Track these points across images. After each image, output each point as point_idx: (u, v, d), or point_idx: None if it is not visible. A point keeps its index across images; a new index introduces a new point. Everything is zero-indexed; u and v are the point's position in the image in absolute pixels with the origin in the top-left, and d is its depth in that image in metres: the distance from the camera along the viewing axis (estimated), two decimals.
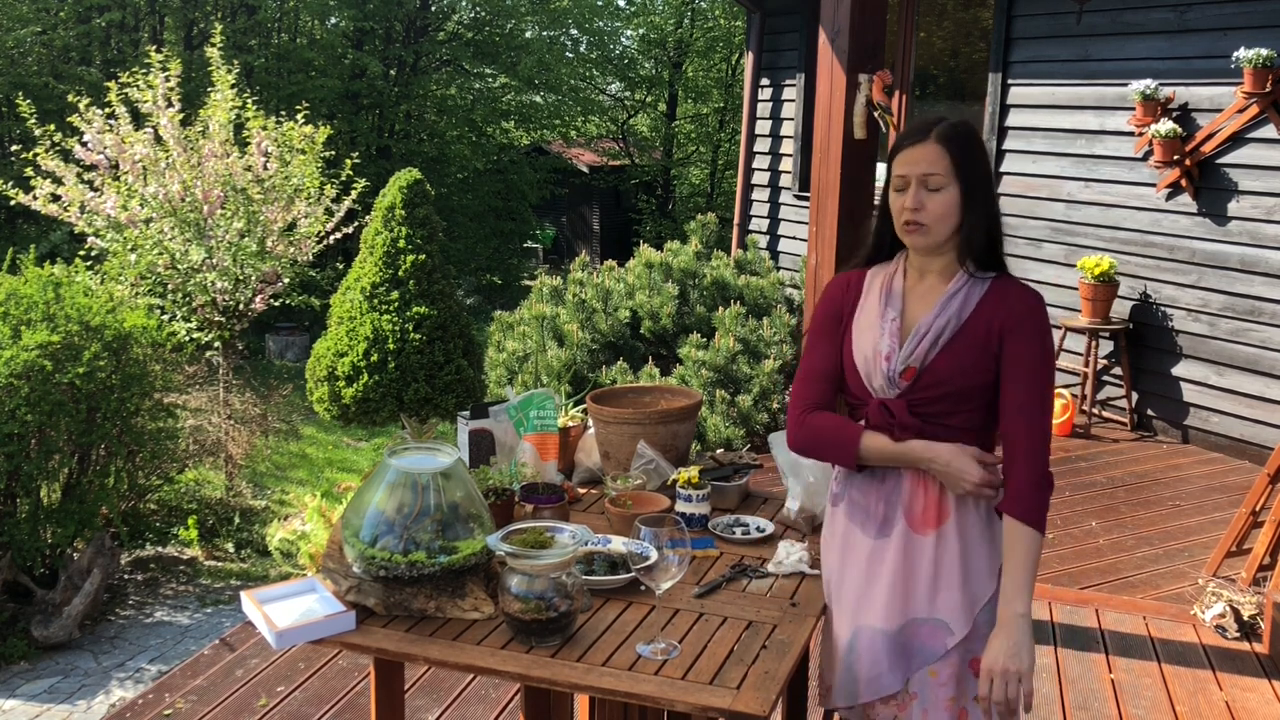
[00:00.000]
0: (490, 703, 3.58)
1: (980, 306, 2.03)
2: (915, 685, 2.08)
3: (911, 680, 2.09)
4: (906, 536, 2.08)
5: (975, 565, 2.08)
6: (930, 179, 2.00)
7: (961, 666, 2.08)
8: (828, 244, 3.89)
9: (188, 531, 6.43)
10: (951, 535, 2.06)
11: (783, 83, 9.77)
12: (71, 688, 4.84)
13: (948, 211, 2.01)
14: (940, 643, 2.07)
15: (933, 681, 2.07)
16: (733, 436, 6.77)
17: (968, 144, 2.03)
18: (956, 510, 2.06)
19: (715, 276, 8.30)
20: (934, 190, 2.00)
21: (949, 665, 2.07)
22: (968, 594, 2.07)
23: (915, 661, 2.08)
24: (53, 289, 5.55)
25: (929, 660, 2.07)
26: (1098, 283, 6.60)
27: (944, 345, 2.02)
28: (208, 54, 7.62)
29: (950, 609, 2.06)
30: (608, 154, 23.04)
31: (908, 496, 2.08)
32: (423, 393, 4.84)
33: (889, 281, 2.12)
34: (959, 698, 2.09)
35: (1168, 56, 6.55)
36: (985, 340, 2.02)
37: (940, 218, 2.01)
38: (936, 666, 2.07)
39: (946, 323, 2.02)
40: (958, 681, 2.08)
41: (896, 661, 2.08)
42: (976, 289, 2.05)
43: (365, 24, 17.55)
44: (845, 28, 3.74)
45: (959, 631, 2.06)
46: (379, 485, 2.08)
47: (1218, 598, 4.20)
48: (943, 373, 2.02)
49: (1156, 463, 6.23)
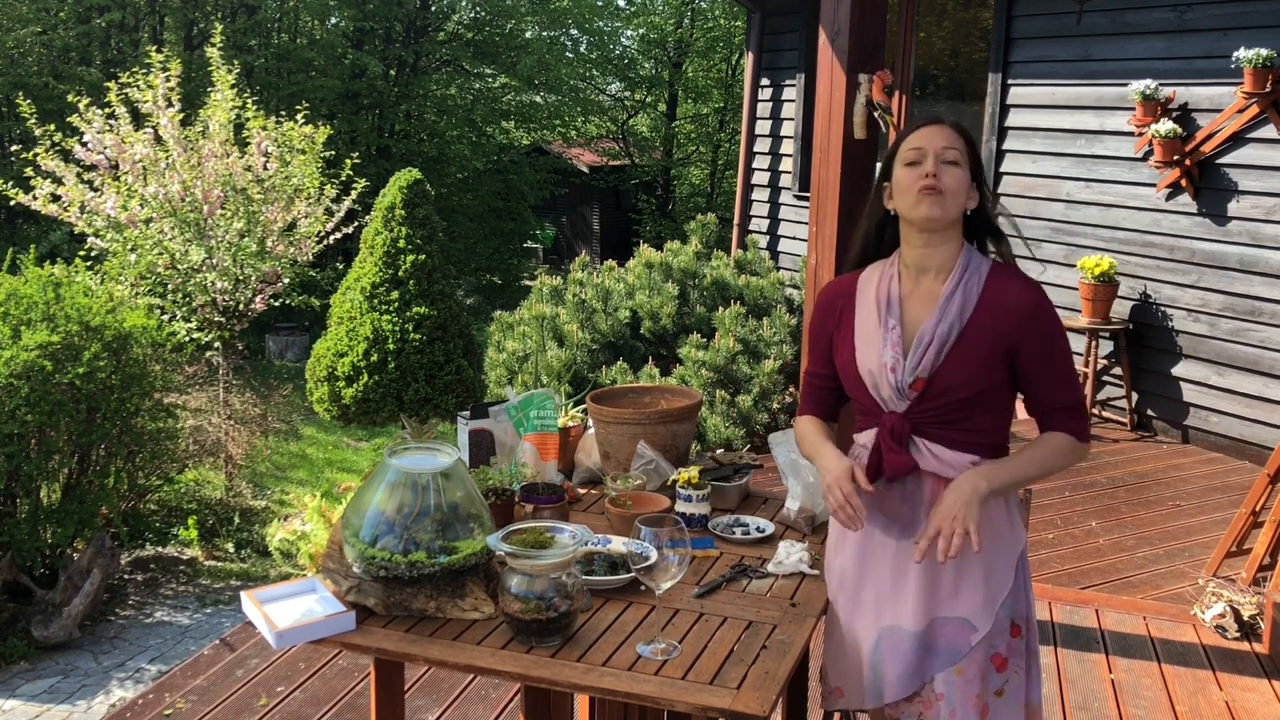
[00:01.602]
0: (490, 703, 3.58)
1: (981, 305, 2.03)
2: (941, 685, 2.08)
3: (937, 680, 2.09)
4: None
5: (997, 562, 2.09)
6: (948, 152, 2.03)
7: (985, 663, 2.09)
8: (828, 244, 3.89)
9: (188, 531, 6.43)
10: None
11: (783, 83, 9.78)
12: (71, 688, 4.84)
13: (962, 187, 2.04)
14: (964, 640, 2.08)
15: (959, 680, 2.08)
16: (733, 436, 6.77)
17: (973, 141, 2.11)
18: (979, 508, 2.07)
19: (715, 276, 8.30)
20: (951, 164, 2.03)
21: (974, 663, 2.08)
22: (989, 590, 2.08)
23: (940, 660, 2.09)
24: (53, 289, 5.55)
25: (954, 659, 2.07)
26: (1098, 283, 6.60)
27: (950, 351, 2.01)
28: (208, 54, 7.62)
29: (973, 606, 2.07)
30: (608, 154, 23.04)
31: (929, 497, 2.08)
32: (423, 393, 4.84)
33: (884, 287, 2.11)
34: (983, 694, 2.10)
35: (1168, 56, 6.55)
36: (993, 341, 2.01)
37: (955, 191, 2.03)
38: (962, 665, 2.07)
39: (950, 327, 2.01)
40: (982, 678, 2.09)
41: (921, 661, 2.09)
42: (974, 284, 2.04)
43: (365, 24, 17.55)
44: (845, 28, 3.74)
45: (982, 628, 2.07)
46: (379, 485, 2.08)
47: (1218, 598, 4.20)
48: (953, 379, 2.01)
49: (1157, 463, 6.23)
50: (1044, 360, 2.03)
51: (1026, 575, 2.16)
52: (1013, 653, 2.12)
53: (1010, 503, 2.12)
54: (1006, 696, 2.12)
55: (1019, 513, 2.14)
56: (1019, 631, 2.13)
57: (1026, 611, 2.15)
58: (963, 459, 2.05)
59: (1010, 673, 2.12)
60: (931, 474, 2.07)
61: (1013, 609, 2.11)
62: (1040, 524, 5.16)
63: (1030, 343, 2.02)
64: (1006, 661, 2.11)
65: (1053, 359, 2.04)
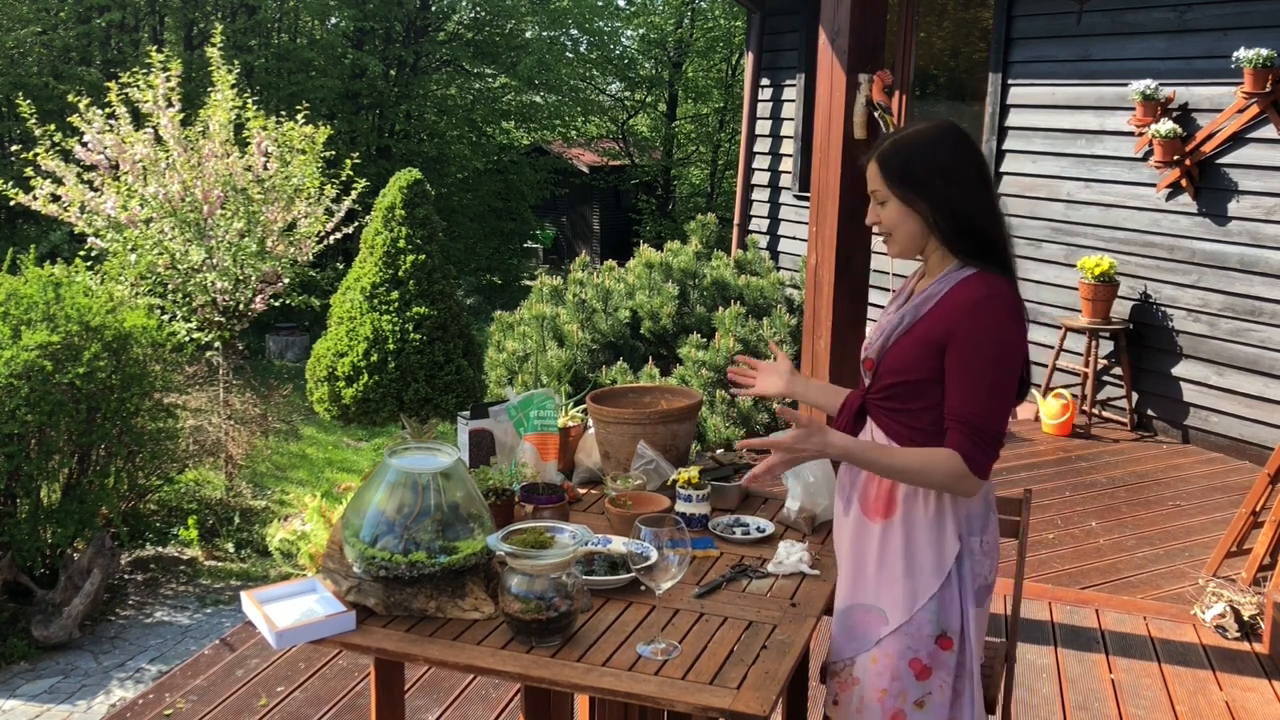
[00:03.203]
0: (490, 703, 3.59)
1: (938, 304, 2.06)
2: (859, 670, 2.13)
3: (856, 663, 2.14)
4: (859, 520, 2.17)
5: (919, 561, 2.10)
6: (875, 194, 2.14)
7: (900, 663, 2.09)
8: (828, 244, 3.89)
9: (188, 531, 6.43)
10: (898, 527, 2.11)
11: (783, 83, 9.77)
12: (71, 688, 4.84)
13: (897, 221, 2.12)
14: (875, 629, 2.11)
15: (873, 668, 2.12)
16: (733, 436, 6.77)
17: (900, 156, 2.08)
18: (904, 504, 2.11)
19: (715, 276, 8.30)
20: (881, 203, 2.14)
21: (887, 656, 2.10)
22: (909, 586, 2.10)
23: (855, 644, 2.15)
24: (53, 289, 5.55)
25: (865, 646, 2.13)
26: (1098, 283, 6.60)
27: (895, 340, 2.10)
28: (208, 54, 7.62)
29: (890, 598, 2.11)
30: (608, 154, 23.03)
31: (864, 482, 2.17)
32: (423, 393, 4.84)
33: (909, 283, 2.24)
34: (897, 696, 2.09)
35: (1168, 56, 6.55)
36: (932, 338, 2.03)
37: (893, 226, 2.12)
38: (877, 654, 2.11)
39: (901, 319, 2.10)
40: (895, 677, 2.09)
41: (840, 639, 2.18)
42: (945, 285, 2.07)
43: (365, 24, 17.54)
44: (845, 28, 3.74)
45: (894, 620, 2.10)
46: (379, 485, 2.08)
47: (1218, 598, 4.20)
48: (892, 363, 2.09)
49: (1157, 463, 6.23)
50: (961, 360, 1.98)
51: (965, 591, 2.10)
52: (937, 664, 2.09)
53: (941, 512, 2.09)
54: (928, 710, 2.10)
55: (952, 524, 2.09)
56: (949, 645, 2.09)
57: (961, 626, 2.10)
58: None
59: (934, 685, 2.09)
60: None
61: (941, 619, 2.08)
62: (1040, 524, 5.16)
63: (958, 338, 1.99)
64: (929, 671, 2.09)
65: (969, 361, 1.98)
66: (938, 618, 2.09)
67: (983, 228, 2.06)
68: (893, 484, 2.11)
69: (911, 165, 2.08)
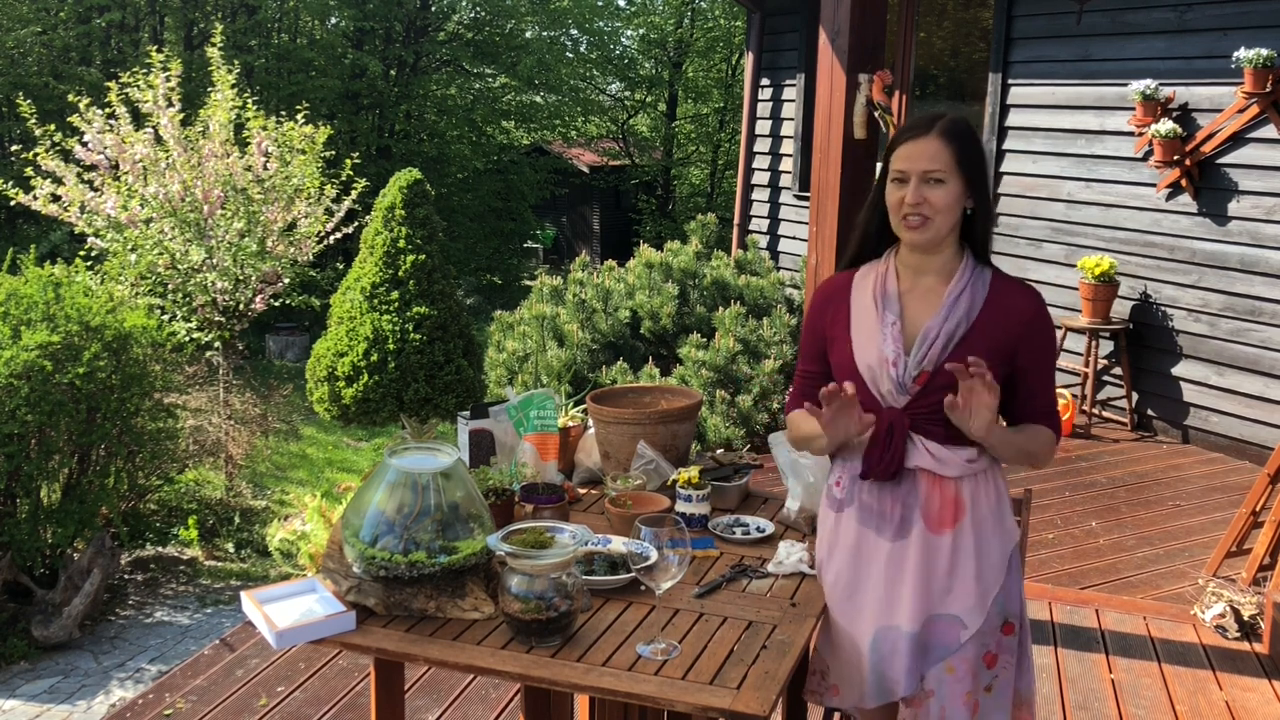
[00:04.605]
0: (490, 703, 3.58)
1: (987, 307, 2.06)
2: (932, 682, 2.10)
3: (928, 676, 2.11)
4: (925, 538, 2.10)
5: (988, 559, 2.11)
6: (932, 174, 2.00)
7: (976, 660, 2.11)
8: (828, 244, 3.89)
9: (188, 531, 6.43)
10: (967, 531, 2.09)
11: (783, 83, 9.77)
12: (71, 688, 4.84)
13: (950, 205, 2.02)
14: (954, 637, 2.09)
15: (950, 678, 2.09)
16: (733, 436, 6.77)
17: (970, 138, 2.05)
18: (971, 506, 2.09)
19: (715, 276, 8.30)
20: (936, 183, 2.01)
21: (965, 660, 2.09)
22: (981, 586, 2.10)
23: (932, 657, 2.11)
24: (53, 289, 5.55)
25: (944, 655, 2.09)
26: (1098, 283, 6.60)
27: (955, 348, 2.03)
28: (208, 54, 7.62)
29: (964, 603, 2.09)
30: (608, 154, 23.03)
31: (924, 498, 2.09)
32: (423, 393, 4.84)
33: (881, 284, 2.12)
34: (974, 690, 2.11)
35: (1168, 56, 6.55)
36: (999, 343, 2.05)
37: (942, 211, 2.01)
38: (953, 661, 2.09)
39: (957, 325, 2.04)
40: (974, 675, 2.10)
41: (918, 660, 2.11)
42: (980, 288, 2.07)
43: (365, 24, 17.54)
44: (845, 28, 3.74)
45: (972, 625, 2.09)
46: (379, 485, 2.08)
47: (1218, 598, 4.20)
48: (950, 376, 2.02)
49: (1157, 463, 6.23)
50: (1038, 364, 2.10)
51: (1019, 572, 2.18)
52: (1003, 650, 2.14)
53: (1000, 498, 2.14)
54: (995, 692, 2.14)
55: (1009, 509, 2.16)
56: (1012, 629, 2.15)
57: (1020, 609, 2.17)
58: (959, 455, 2.07)
59: (1000, 668, 2.14)
60: (926, 472, 2.09)
61: (1006, 606, 2.13)
62: (1040, 524, 5.16)
63: (1030, 346, 2.07)
64: (997, 658, 2.13)
65: (1045, 364, 2.12)
66: (1004, 608, 2.13)
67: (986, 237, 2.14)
68: (957, 487, 2.08)
69: (979, 150, 2.05)
